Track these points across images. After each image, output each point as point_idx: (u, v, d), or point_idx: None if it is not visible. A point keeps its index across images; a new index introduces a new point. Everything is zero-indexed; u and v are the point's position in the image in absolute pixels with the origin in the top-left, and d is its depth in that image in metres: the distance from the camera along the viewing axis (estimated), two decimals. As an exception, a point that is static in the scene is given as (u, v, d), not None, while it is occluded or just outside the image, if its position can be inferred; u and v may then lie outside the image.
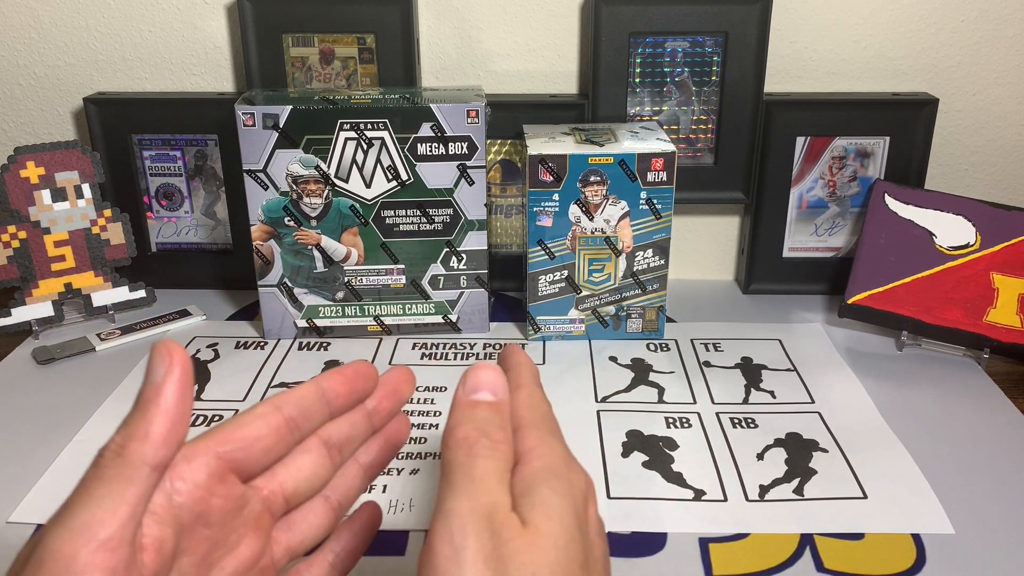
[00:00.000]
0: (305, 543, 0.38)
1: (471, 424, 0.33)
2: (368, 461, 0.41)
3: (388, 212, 0.77)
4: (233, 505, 0.34)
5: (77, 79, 0.91)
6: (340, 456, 0.39)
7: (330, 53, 0.85)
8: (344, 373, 0.39)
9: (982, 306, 0.76)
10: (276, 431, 0.35)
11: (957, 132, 0.91)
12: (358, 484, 0.40)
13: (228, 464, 0.34)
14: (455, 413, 0.34)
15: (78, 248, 0.83)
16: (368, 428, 0.40)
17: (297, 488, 0.37)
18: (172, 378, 0.31)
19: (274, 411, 0.36)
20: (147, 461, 0.30)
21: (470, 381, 0.35)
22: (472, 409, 0.34)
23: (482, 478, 0.31)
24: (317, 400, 0.37)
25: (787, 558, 0.54)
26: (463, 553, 0.29)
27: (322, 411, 0.38)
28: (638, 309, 0.80)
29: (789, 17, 0.86)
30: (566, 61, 0.89)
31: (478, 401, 0.34)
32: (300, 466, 0.37)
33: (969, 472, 0.62)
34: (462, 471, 0.32)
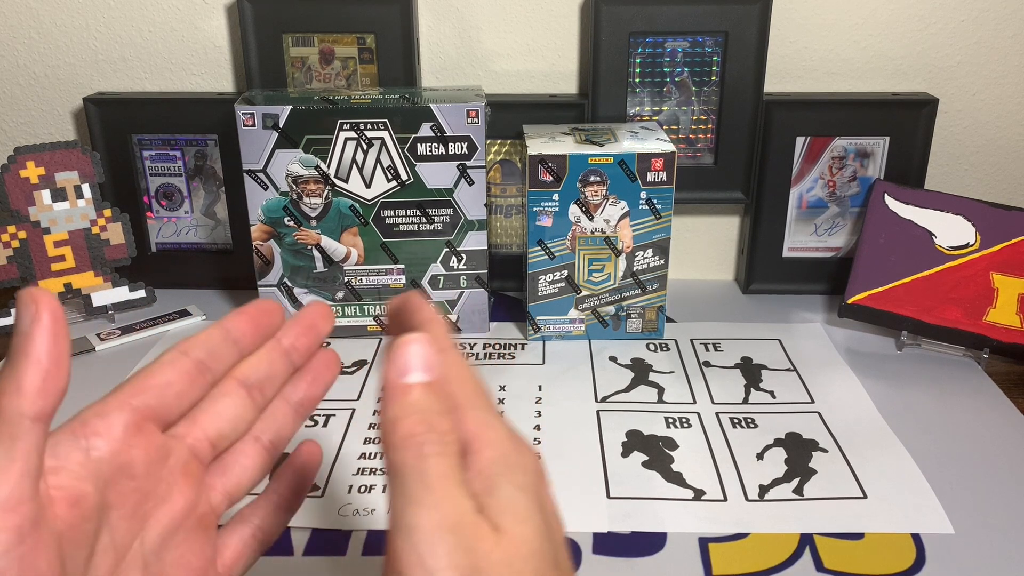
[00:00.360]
0: (242, 485, 0.38)
1: (413, 415, 0.31)
2: (298, 399, 0.40)
3: (388, 212, 0.77)
4: (156, 455, 0.34)
5: (77, 79, 0.91)
6: (262, 395, 0.38)
7: (330, 53, 0.85)
8: (247, 311, 0.38)
9: (982, 306, 0.76)
10: (186, 375, 0.35)
11: (957, 132, 0.91)
12: (289, 422, 0.40)
13: (144, 413, 0.33)
14: (390, 402, 0.31)
15: (78, 248, 0.83)
16: (288, 365, 0.39)
17: (221, 431, 0.37)
18: (40, 326, 0.30)
19: (181, 356, 0.35)
20: (25, 414, 0.29)
21: (400, 360, 0.32)
22: (408, 395, 0.32)
23: (440, 483, 0.30)
24: (223, 340, 0.37)
25: (787, 558, 0.54)
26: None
27: (230, 351, 0.37)
28: (638, 309, 0.80)
29: (789, 17, 0.86)
30: (566, 61, 0.89)
31: (413, 384, 0.32)
32: (220, 410, 0.37)
33: (969, 472, 0.62)
34: (415, 477, 0.30)
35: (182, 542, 0.35)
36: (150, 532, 0.34)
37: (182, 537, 0.35)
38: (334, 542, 0.55)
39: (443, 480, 0.30)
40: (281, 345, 0.39)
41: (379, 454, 0.64)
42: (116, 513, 0.32)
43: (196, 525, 0.35)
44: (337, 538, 0.56)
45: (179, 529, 0.35)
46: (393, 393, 0.32)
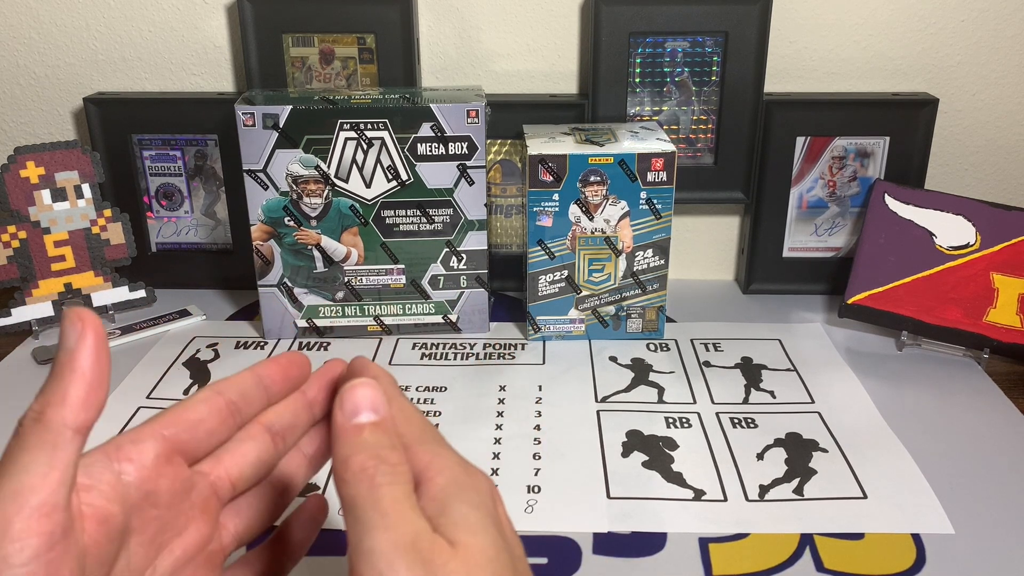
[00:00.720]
0: (252, 528, 0.39)
1: (363, 452, 0.32)
2: (311, 451, 0.41)
3: (388, 212, 0.77)
4: (180, 487, 0.35)
5: (77, 79, 0.91)
6: (284, 443, 0.39)
7: (330, 53, 0.85)
8: (278, 361, 0.40)
9: (982, 306, 0.76)
10: (218, 414, 0.36)
11: (957, 132, 0.91)
12: (302, 472, 0.41)
13: (174, 446, 0.35)
14: (341, 442, 0.33)
15: (78, 248, 0.83)
16: (309, 417, 0.40)
17: (243, 473, 0.38)
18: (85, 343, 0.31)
19: (215, 395, 0.37)
20: (68, 424, 0.31)
21: (348, 403, 0.34)
22: (359, 434, 0.33)
23: (393, 507, 0.31)
24: (255, 386, 0.38)
25: (787, 558, 0.54)
26: None
27: (260, 396, 0.38)
28: (638, 309, 0.80)
29: (789, 17, 0.86)
30: (566, 61, 0.89)
31: (362, 424, 0.34)
32: (245, 452, 0.38)
33: (969, 472, 0.62)
34: (369, 505, 0.31)
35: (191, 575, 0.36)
36: (163, 562, 0.35)
37: (191, 571, 0.36)
38: (334, 542, 0.55)
39: (396, 504, 0.31)
40: (305, 396, 0.40)
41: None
42: (136, 539, 0.33)
43: (205, 561, 0.36)
44: (337, 538, 0.56)
45: (190, 563, 0.36)
46: (344, 434, 0.33)
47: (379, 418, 0.34)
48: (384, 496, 0.31)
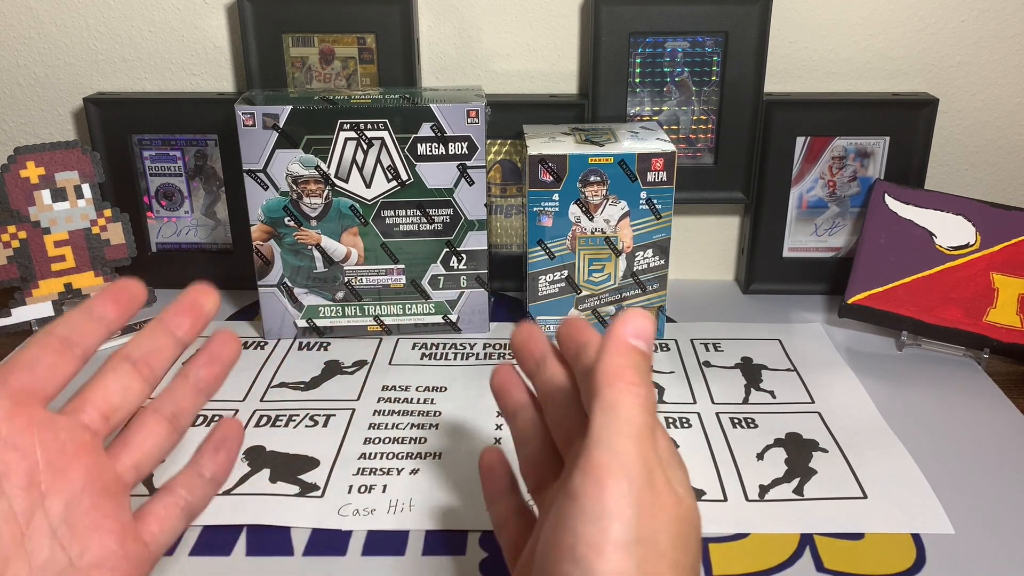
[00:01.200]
0: (149, 456, 0.40)
1: (635, 370, 0.34)
2: (200, 375, 0.43)
3: (388, 212, 0.77)
4: (41, 428, 0.36)
5: (77, 79, 0.91)
6: (150, 369, 0.41)
7: (330, 53, 0.85)
8: (107, 290, 0.41)
9: (982, 306, 0.76)
10: (52, 350, 0.38)
11: (957, 132, 0.91)
12: (189, 396, 0.42)
13: (17, 390, 0.36)
14: (616, 352, 0.34)
15: (78, 248, 0.83)
16: (174, 341, 0.41)
17: (111, 403, 0.39)
18: None
19: (45, 335, 0.38)
20: None
21: (631, 325, 0.35)
22: (630, 350, 0.35)
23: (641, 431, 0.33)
24: (86, 318, 0.39)
25: (787, 558, 0.54)
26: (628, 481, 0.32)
27: (95, 327, 0.39)
28: (638, 309, 0.80)
29: (789, 17, 0.86)
30: (566, 61, 0.89)
31: (636, 346, 0.35)
32: (107, 383, 0.39)
33: (969, 472, 0.62)
34: (626, 417, 0.33)
35: (90, 509, 0.37)
36: (53, 503, 0.36)
37: (89, 505, 0.37)
38: (334, 542, 0.55)
39: (648, 432, 0.33)
40: (163, 323, 0.42)
41: (379, 454, 0.64)
42: (9, 482, 0.35)
43: (102, 493, 0.37)
44: (337, 538, 0.56)
45: (83, 496, 0.36)
46: (622, 346, 0.35)
47: (647, 350, 0.35)
48: (643, 413, 0.33)
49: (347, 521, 0.57)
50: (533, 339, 0.44)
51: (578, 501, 0.32)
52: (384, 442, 0.65)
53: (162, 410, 0.41)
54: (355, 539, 0.55)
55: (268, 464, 0.63)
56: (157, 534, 0.40)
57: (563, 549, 0.32)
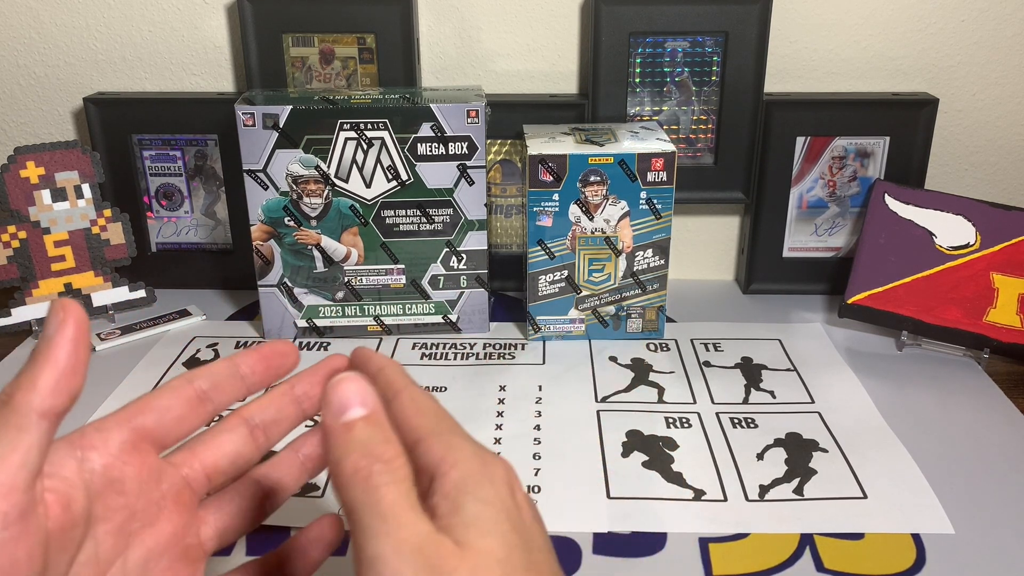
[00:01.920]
0: (236, 526, 0.39)
1: (355, 451, 0.31)
2: (307, 452, 0.41)
3: (388, 212, 0.77)
4: (148, 475, 0.35)
5: (77, 79, 0.91)
6: (265, 438, 0.39)
7: (330, 53, 0.85)
8: (260, 350, 0.39)
9: (982, 306, 0.76)
10: (187, 401, 0.36)
11: (957, 132, 0.91)
12: (294, 473, 0.40)
13: (141, 433, 0.35)
14: (332, 444, 0.32)
15: (78, 248, 0.83)
16: (298, 411, 0.39)
17: (218, 465, 0.37)
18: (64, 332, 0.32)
19: (186, 383, 0.36)
20: (34, 408, 0.31)
21: (333, 401, 0.32)
22: (348, 433, 0.32)
23: (392, 511, 0.30)
24: (230, 374, 0.38)
25: (787, 558, 0.54)
26: None
27: (236, 385, 0.38)
28: (638, 309, 0.80)
29: (789, 17, 0.86)
30: (566, 61, 0.89)
31: (352, 421, 0.32)
32: (220, 443, 0.38)
33: (969, 472, 0.62)
34: (369, 509, 0.30)
35: (165, 569, 0.35)
36: (134, 552, 0.34)
37: (166, 564, 0.35)
38: (334, 542, 0.55)
39: (396, 507, 0.30)
40: (293, 391, 0.40)
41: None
42: (103, 527, 0.33)
43: (181, 555, 0.36)
44: (337, 538, 0.55)
45: (163, 555, 0.35)
46: (333, 435, 0.32)
47: (368, 411, 0.33)
48: (383, 498, 0.30)
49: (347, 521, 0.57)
50: None
51: None
52: (384, 442, 0.65)
53: (263, 481, 0.39)
54: (355, 539, 0.55)
55: (268, 464, 0.63)
56: None
57: None
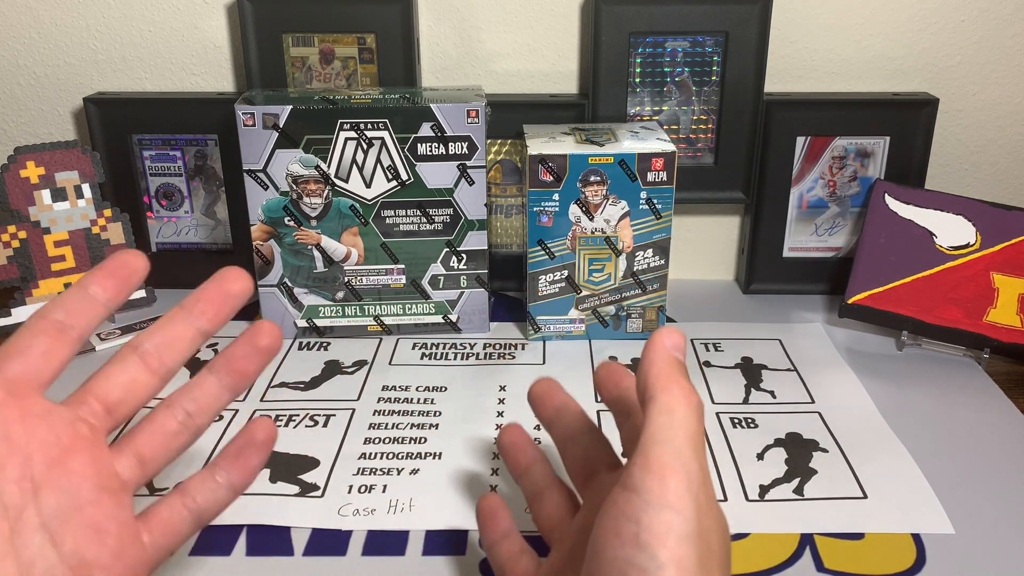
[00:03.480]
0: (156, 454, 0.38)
1: (686, 379, 0.36)
2: (224, 368, 0.40)
3: (388, 212, 0.77)
4: (34, 417, 0.35)
5: (77, 79, 0.91)
6: (160, 362, 0.38)
7: (330, 53, 0.85)
8: (105, 265, 0.38)
9: (982, 306, 0.76)
10: (46, 334, 0.36)
11: (957, 132, 0.91)
12: (212, 392, 0.40)
13: (10, 378, 0.35)
14: (665, 361, 0.36)
15: (78, 248, 0.83)
16: (193, 331, 0.39)
17: (115, 396, 0.37)
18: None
19: (39, 319, 0.36)
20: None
21: (669, 338, 0.37)
22: (679, 363, 0.37)
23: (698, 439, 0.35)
24: (80, 297, 0.37)
25: (787, 558, 0.54)
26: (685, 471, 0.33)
27: (91, 306, 0.37)
28: (638, 309, 0.80)
29: (789, 17, 0.86)
30: (566, 61, 0.89)
31: (679, 357, 0.37)
32: (111, 374, 0.38)
33: (969, 472, 0.62)
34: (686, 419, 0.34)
35: (86, 506, 0.35)
36: (46, 498, 0.34)
37: (86, 501, 0.35)
38: (334, 542, 0.55)
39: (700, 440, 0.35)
40: (183, 310, 0.39)
41: (379, 454, 0.64)
42: (6, 473, 0.33)
43: (100, 489, 0.36)
44: (337, 538, 0.56)
45: (79, 492, 0.35)
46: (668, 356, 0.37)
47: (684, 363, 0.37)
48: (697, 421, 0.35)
49: (347, 521, 0.57)
50: (552, 390, 0.48)
51: (640, 494, 0.33)
52: (384, 442, 0.65)
53: (175, 406, 0.39)
54: (355, 539, 0.55)
55: (268, 464, 0.63)
56: (159, 537, 0.38)
57: (626, 537, 0.33)
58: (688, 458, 0.33)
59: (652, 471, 0.33)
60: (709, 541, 0.33)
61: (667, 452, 0.33)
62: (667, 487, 0.33)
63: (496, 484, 0.60)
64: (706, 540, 0.33)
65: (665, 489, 0.33)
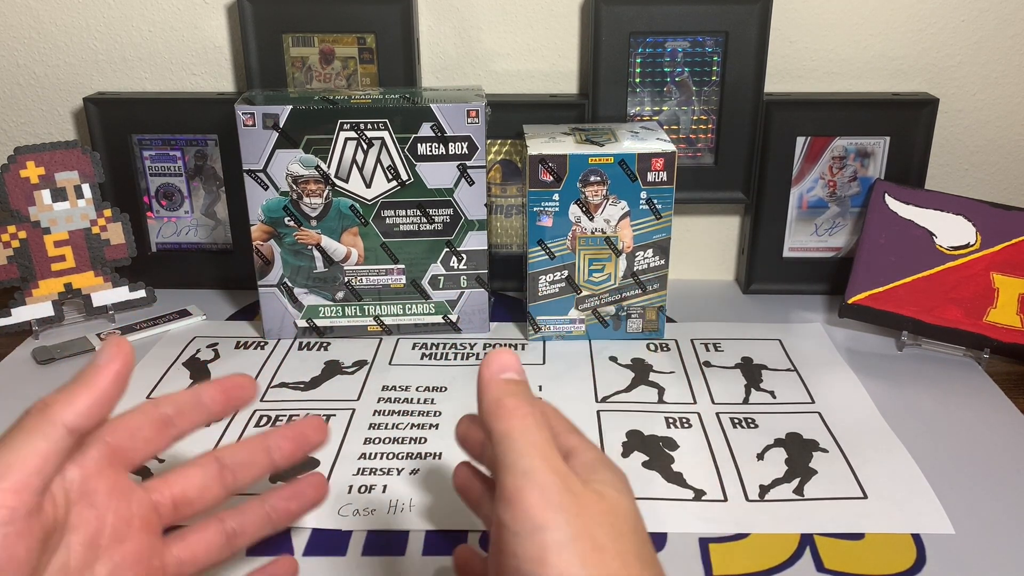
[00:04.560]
0: (197, 559, 0.41)
1: (515, 397, 0.36)
2: (273, 504, 0.44)
3: (388, 212, 0.77)
4: (119, 493, 0.38)
5: (77, 79, 0.91)
6: (234, 479, 0.42)
7: (330, 53, 0.85)
8: (220, 382, 0.42)
9: (982, 306, 0.76)
10: (154, 424, 0.39)
11: (957, 132, 0.91)
12: (258, 520, 0.43)
13: (113, 450, 0.38)
14: (492, 388, 0.37)
15: (78, 248, 0.83)
16: (267, 461, 0.43)
17: (185, 494, 0.40)
18: (112, 365, 0.36)
19: (152, 407, 0.40)
20: (65, 423, 0.34)
21: (495, 363, 0.38)
22: (507, 384, 0.37)
23: (541, 441, 0.35)
24: (193, 403, 0.41)
25: (787, 558, 0.54)
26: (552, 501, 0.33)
27: (198, 412, 0.41)
28: (638, 309, 0.80)
29: (789, 17, 0.86)
30: (566, 61, 0.89)
31: (510, 378, 0.37)
32: (190, 475, 0.41)
33: (969, 472, 0.62)
34: (525, 438, 0.35)
35: None
36: (101, 567, 0.37)
37: None
38: (334, 542, 0.55)
39: (545, 442, 0.35)
40: (266, 441, 0.43)
41: (379, 454, 0.64)
42: (75, 537, 0.36)
43: (144, 574, 0.38)
44: (337, 538, 0.56)
45: (128, 573, 0.38)
46: (493, 383, 0.37)
47: (521, 380, 0.38)
48: (536, 430, 0.35)
49: (347, 521, 0.57)
50: (471, 429, 0.45)
51: (508, 527, 0.33)
52: (384, 442, 0.65)
53: (227, 521, 0.43)
54: (355, 539, 0.55)
55: (268, 464, 0.63)
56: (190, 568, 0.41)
57: (511, 573, 0.33)
58: (537, 469, 0.34)
59: (508, 501, 0.33)
60: (591, 538, 0.33)
61: (513, 477, 0.34)
62: (524, 510, 0.33)
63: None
64: (586, 539, 0.33)
65: (524, 513, 0.33)
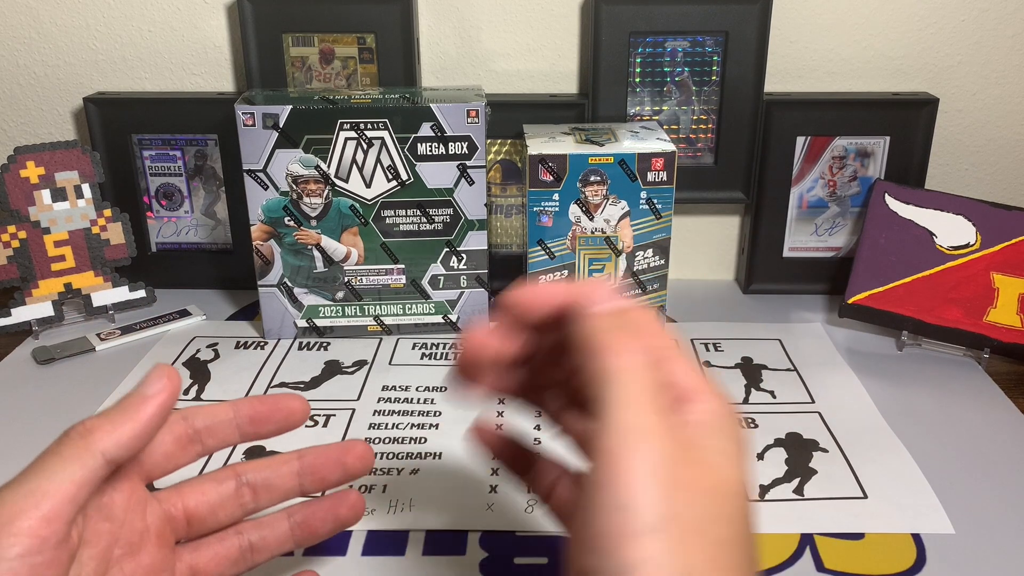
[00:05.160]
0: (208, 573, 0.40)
1: (620, 330, 0.31)
2: (300, 520, 0.42)
3: (388, 212, 0.77)
4: (135, 505, 0.36)
5: (77, 79, 0.91)
6: (253, 498, 0.40)
7: (330, 53, 0.85)
8: (264, 400, 0.40)
9: (982, 306, 0.76)
10: (178, 439, 0.37)
11: (957, 132, 0.91)
12: (280, 536, 0.41)
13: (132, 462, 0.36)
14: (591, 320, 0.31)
15: (78, 248, 0.83)
16: (295, 482, 0.41)
17: (199, 509, 0.39)
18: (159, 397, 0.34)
19: (181, 420, 0.38)
20: (104, 452, 0.33)
21: (598, 292, 0.32)
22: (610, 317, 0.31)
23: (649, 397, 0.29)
24: (227, 420, 0.39)
25: (787, 558, 0.54)
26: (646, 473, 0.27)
27: (230, 432, 0.39)
28: (638, 309, 0.80)
29: (789, 17, 0.86)
30: (566, 61, 0.89)
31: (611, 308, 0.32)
32: (205, 490, 0.39)
33: (969, 472, 0.62)
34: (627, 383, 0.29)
35: None
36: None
37: None
38: (334, 542, 0.55)
39: (654, 396, 0.30)
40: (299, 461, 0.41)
41: (379, 454, 0.64)
42: (88, 551, 0.34)
43: None
44: (337, 538, 0.55)
45: None
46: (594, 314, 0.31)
47: (625, 303, 0.32)
48: (640, 379, 0.30)
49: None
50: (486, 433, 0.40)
51: (595, 492, 0.28)
52: (384, 442, 0.65)
53: (245, 534, 0.41)
54: (355, 539, 0.55)
55: (268, 464, 0.63)
56: None
57: (587, 542, 0.28)
58: (641, 435, 0.28)
59: (602, 462, 0.28)
60: (688, 520, 0.27)
61: (607, 433, 0.28)
62: (619, 479, 0.27)
63: (496, 484, 0.60)
64: (681, 522, 0.27)
65: (618, 482, 0.27)
